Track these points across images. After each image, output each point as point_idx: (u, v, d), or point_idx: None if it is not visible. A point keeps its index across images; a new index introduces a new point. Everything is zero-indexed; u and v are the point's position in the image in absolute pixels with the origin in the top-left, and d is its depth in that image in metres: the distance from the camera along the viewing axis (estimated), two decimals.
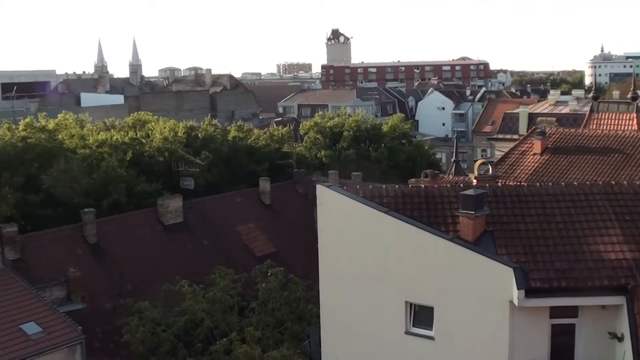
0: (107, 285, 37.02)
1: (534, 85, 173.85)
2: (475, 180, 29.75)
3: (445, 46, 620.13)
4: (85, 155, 47.62)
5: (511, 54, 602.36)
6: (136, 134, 52.63)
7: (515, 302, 18.27)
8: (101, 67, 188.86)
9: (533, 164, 40.26)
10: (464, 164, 77.45)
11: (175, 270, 36.59)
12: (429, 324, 20.23)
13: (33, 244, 36.53)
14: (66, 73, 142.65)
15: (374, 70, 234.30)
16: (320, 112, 76.51)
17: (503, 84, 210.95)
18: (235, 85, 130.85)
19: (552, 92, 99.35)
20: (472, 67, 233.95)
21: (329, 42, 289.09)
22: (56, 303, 33.22)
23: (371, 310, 21.15)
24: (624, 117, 53.88)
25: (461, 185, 28.74)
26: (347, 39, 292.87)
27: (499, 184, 29.23)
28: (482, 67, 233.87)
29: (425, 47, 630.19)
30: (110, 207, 43.05)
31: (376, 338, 21.14)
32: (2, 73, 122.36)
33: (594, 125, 52.63)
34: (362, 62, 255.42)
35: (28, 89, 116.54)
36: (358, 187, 23.93)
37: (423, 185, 28.04)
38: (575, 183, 23.91)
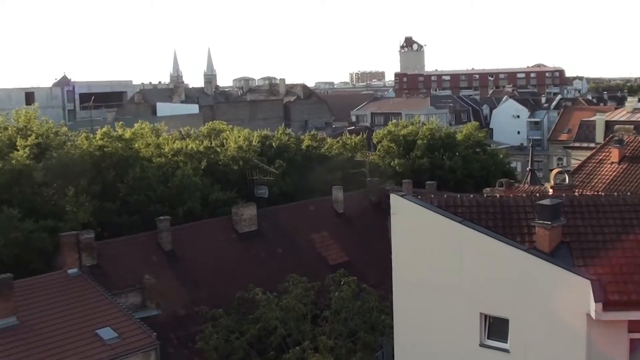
0: (181, 292, 37.40)
1: (610, 92, 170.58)
2: (551, 190, 29.39)
3: (519, 53, 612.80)
4: (160, 164, 48.36)
5: (587, 60, 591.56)
6: (211, 143, 53.25)
7: (593, 315, 17.93)
8: (176, 77, 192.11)
9: (610, 172, 39.50)
10: (539, 173, 76.45)
11: (249, 278, 36.87)
12: (503, 337, 19.98)
13: (109, 251, 37.19)
14: (142, 83, 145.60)
15: (447, 78, 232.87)
16: (394, 121, 76.29)
17: (579, 91, 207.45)
18: (308, 94, 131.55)
19: (629, 99, 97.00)
20: (547, 74, 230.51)
21: (402, 50, 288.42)
22: (131, 309, 33.80)
23: (445, 322, 20.99)
24: None
25: (537, 194, 28.35)
26: (420, 46, 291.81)
27: (576, 193, 28.74)
28: (557, 74, 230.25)
29: (499, 54, 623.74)
30: (185, 215, 43.61)
31: (450, 350, 20.97)
32: (81, 83, 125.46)
33: None
34: (436, 70, 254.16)
35: (105, 99, 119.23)
36: (432, 196, 23.83)
37: (498, 195, 27.69)
38: None
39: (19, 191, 41.04)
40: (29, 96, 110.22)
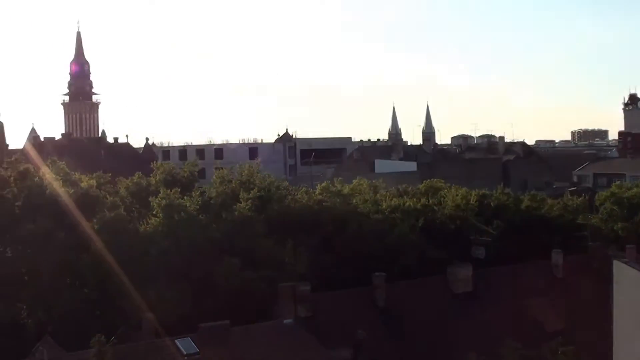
0: (393, 349, 37.14)
1: None
2: None
3: None
4: (378, 220, 48.70)
5: None
6: (428, 201, 53.10)
7: None
8: (395, 134, 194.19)
9: None
10: None
11: (462, 340, 36.07)
12: None
13: (324, 303, 37.55)
14: (361, 140, 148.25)
15: None
16: (618, 182, 72.83)
17: None
18: (528, 153, 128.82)
19: None
20: None
21: (626, 108, 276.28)
22: None
23: None
24: None
25: None
26: None
27: None
28: None
29: None
30: (401, 272, 43.48)
31: None
32: (302, 140, 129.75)
33: None
34: None
35: (325, 155, 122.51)
36: None
37: None
38: None
39: (240, 241, 42.62)
40: (253, 151, 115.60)
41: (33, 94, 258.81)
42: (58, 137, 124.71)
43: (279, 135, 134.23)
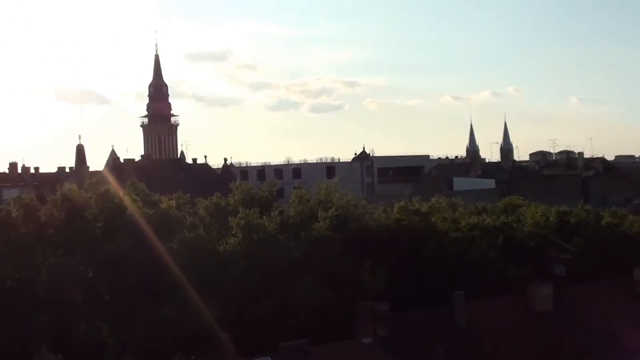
0: None
1: None
2: None
3: None
4: (457, 238, 48.37)
5: None
6: (507, 219, 52.52)
7: None
8: (473, 152, 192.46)
9: None
10: None
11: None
12: None
13: (403, 323, 37.46)
14: (439, 157, 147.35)
15: None
16: None
17: None
18: (608, 168, 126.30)
19: None
20: None
21: None
22: None
23: None
24: None
25: None
26: None
27: None
28: None
29: None
30: (480, 290, 43.02)
31: None
32: (379, 158, 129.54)
33: None
34: None
35: (403, 173, 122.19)
36: None
37: None
38: None
39: (319, 260, 42.77)
40: (330, 170, 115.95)
41: (112, 117, 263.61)
42: (138, 158, 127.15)
43: (356, 153, 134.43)
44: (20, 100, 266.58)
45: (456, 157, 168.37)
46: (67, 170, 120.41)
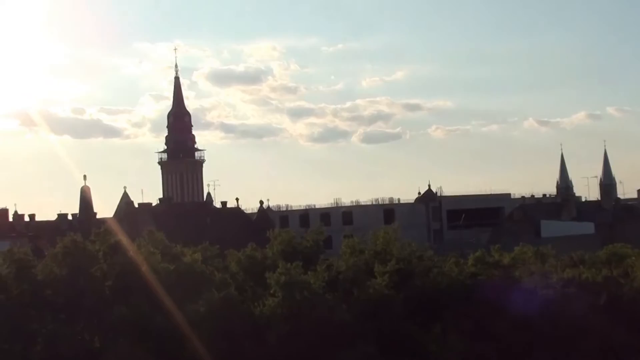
0: None
1: None
2: None
3: None
4: (547, 298, 47.67)
5: None
6: (611, 272, 51.84)
7: None
8: (565, 188, 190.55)
9: None
10: None
11: None
12: None
13: None
14: (523, 197, 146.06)
15: None
16: None
17: None
18: None
19: None
20: None
21: None
22: None
23: None
24: None
25: None
26: None
27: None
28: None
29: None
30: None
31: None
32: (449, 198, 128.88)
33: None
34: None
35: (478, 216, 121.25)
36: None
37: None
38: None
39: (376, 324, 42.49)
40: (388, 213, 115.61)
41: (125, 153, 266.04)
42: (155, 202, 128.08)
43: (419, 192, 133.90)
44: (11, 134, 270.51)
45: (544, 195, 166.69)
46: (70, 217, 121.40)
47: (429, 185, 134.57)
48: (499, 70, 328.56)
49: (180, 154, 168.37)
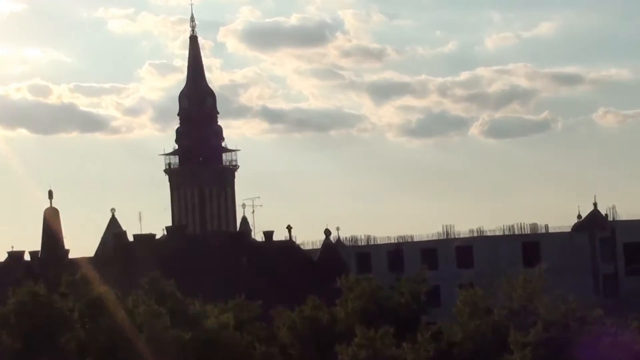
0: None
1: None
2: None
3: None
4: None
5: None
6: None
7: None
8: None
9: None
10: None
11: None
12: None
13: None
14: None
15: None
16: None
17: None
18: None
19: None
20: None
21: None
22: None
23: None
24: None
25: None
26: None
27: None
28: None
29: None
30: None
31: None
32: (628, 224, 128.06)
33: None
34: None
35: None
36: None
37: None
38: None
39: None
40: (530, 249, 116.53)
41: (112, 154, 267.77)
42: (160, 233, 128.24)
43: (579, 216, 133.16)
44: None
45: None
46: (27, 257, 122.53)
47: (595, 204, 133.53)
48: None
49: (200, 157, 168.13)
